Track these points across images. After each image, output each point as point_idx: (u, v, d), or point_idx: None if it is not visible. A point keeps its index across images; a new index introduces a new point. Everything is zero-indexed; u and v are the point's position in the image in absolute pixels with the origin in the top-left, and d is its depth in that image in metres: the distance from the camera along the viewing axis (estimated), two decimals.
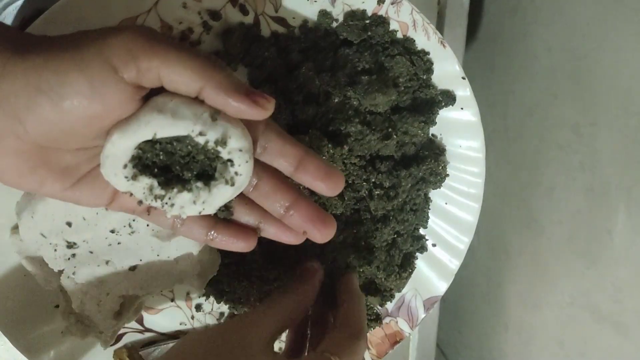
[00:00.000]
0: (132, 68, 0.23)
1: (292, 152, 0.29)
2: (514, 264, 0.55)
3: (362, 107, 0.43)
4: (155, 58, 0.23)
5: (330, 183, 0.29)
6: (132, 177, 0.26)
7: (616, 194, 0.40)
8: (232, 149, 0.26)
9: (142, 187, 0.27)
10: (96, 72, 0.23)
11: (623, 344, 0.39)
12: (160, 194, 0.27)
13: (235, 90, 0.24)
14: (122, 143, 0.25)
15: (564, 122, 0.46)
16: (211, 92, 0.24)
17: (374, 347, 0.51)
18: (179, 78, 0.24)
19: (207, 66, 0.24)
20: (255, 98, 0.25)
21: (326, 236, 0.30)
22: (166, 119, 0.24)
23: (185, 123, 0.25)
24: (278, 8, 0.41)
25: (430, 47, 0.44)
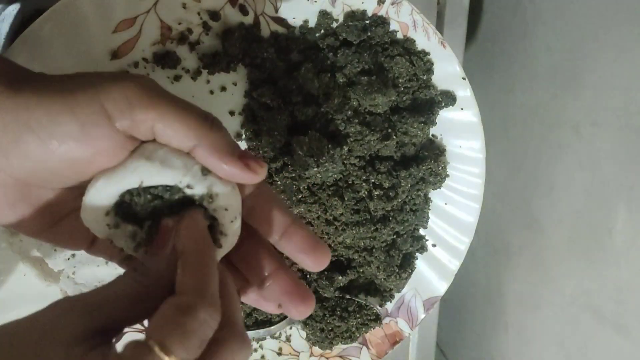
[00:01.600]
0: (126, 117, 0.23)
1: (278, 220, 0.27)
2: (514, 264, 0.55)
3: (362, 108, 0.43)
4: (151, 110, 0.23)
5: (314, 257, 0.27)
6: (114, 225, 0.25)
7: (616, 194, 0.40)
8: (218, 207, 0.24)
9: (124, 235, 0.25)
10: (89, 116, 0.22)
11: (623, 344, 0.39)
12: (142, 241, 0.25)
13: (229, 154, 0.24)
14: (106, 190, 0.24)
15: (564, 122, 0.46)
16: (204, 152, 0.24)
17: (374, 347, 0.51)
18: (173, 134, 0.23)
19: (202, 124, 0.23)
20: (248, 162, 0.24)
21: (302, 314, 0.27)
22: (154, 167, 0.23)
23: (174, 173, 0.24)
24: (278, 8, 0.41)
25: (431, 48, 0.44)
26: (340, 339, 0.49)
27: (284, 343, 0.51)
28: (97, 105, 0.22)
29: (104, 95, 0.22)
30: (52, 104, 0.22)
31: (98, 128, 0.22)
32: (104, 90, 0.22)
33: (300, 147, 0.42)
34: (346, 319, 0.48)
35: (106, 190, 0.24)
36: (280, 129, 0.42)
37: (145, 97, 0.23)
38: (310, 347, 0.51)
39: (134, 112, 0.23)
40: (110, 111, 0.22)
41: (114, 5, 0.37)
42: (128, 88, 0.23)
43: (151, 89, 0.23)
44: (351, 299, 0.49)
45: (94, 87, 0.23)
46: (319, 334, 0.49)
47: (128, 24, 0.38)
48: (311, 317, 0.49)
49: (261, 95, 0.42)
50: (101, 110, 0.22)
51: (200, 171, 0.24)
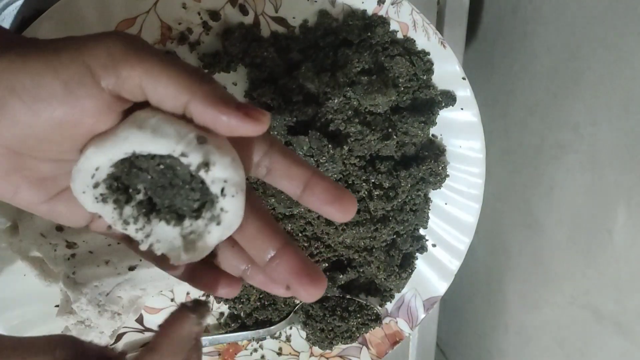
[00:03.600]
0: (111, 74, 0.22)
1: (298, 173, 0.26)
2: (514, 264, 0.55)
3: (362, 108, 0.43)
4: (137, 66, 0.22)
5: (340, 206, 0.25)
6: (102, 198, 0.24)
7: (616, 194, 0.40)
8: (216, 178, 0.23)
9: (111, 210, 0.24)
10: (72, 75, 0.21)
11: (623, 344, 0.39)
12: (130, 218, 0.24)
13: (226, 104, 0.22)
14: (96, 158, 0.23)
15: (564, 122, 0.46)
16: (199, 105, 0.22)
17: (374, 347, 0.51)
18: (164, 90, 0.22)
19: (194, 78, 0.22)
20: (248, 111, 0.22)
21: (312, 296, 0.25)
22: (146, 135, 0.22)
23: (166, 141, 0.22)
24: (278, 8, 0.41)
25: (431, 48, 0.44)
26: (340, 339, 0.49)
27: (284, 343, 0.51)
28: (80, 63, 0.22)
29: (87, 53, 0.22)
30: (35, 65, 0.22)
31: (82, 87, 0.22)
32: (87, 48, 0.22)
33: (300, 147, 0.42)
34: (346, 319, 0.48)
35: (96, 158, 0.23)
36: (280, 129, 0.42)
37: (130, 52, 0.22)
38: (310, 347, 0.51)
39: (118, 68, 0.22)
40: (94, 69, 0.22)
41: (114, 5, 0.37)
42: (112, 44, 0.22)
43: (137, 45, 0.22)
44: (351, 299, 0.49)
45: (77, 45, 0.22)
46: (319, 334, 0.49)
47: (128, 24, 0.38)
48: (311, 317, 0.49)
49: (261, 95, 0.42)
50: (84, 68, 0.22)
51: (195, 139, 0.22)
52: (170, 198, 0.24)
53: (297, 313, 0.50)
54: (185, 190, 0.24)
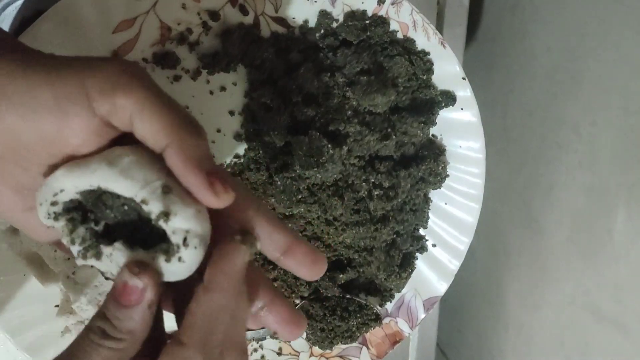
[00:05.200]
0: (106, 100, 0.22)
1: (280, 239, 0.26)
2: (514, 264, 0.55)
3: (362, 108, 0.43)
4: (132, 97, 0.22)
5: (314, 270, 0.27)
6: (55, 216, 0.24)
7: (616, 194, 0.40)
8: (177, 229, 0.22)
9: (62, 226, 0.24)
10: (67, 92, 0.22)
11: (623, 344, 0.39)
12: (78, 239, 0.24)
13: (196, 165, 0.22)
14: (63, 180, 0.23)
15: (564, 122, 0.46)
16: (173, 155, 0.22)
17: (374, 347, 0.51)
18: (148, 127, 0.22)
19: (182, 126, 0.22)
20: (213, 181, 0.22)
21: (295, 337, 0.28)
22: (113, 173, 0.22)
23: (131, 185, 0.22)
24: (278, 8, 0.41)
25: (431, 48, 0.44)
26: (340, 339, 0.49)
27: (284, 343, 0.51)
28: (78, 82, 0.22)
29: (87, 74, 0.22)
30: (33, 76, 0.22)
31: (74, 106, 0.22)
32: (89, 70, 0.22)
33: (300, 147, 0.42)
34: (346, 319, 0.48)
35: (63, 181, 0.23)
36: (280, 129, 0.42)
37: (129, 83, 0.22)
38: (310, 347, 0.51)
39: (114, 96, 0.22)
40: (91, 91, 0.22)
41: (114, 6, 0.37)
42: (114, 71, 0.22)
43: (138, 77, 0.22)
44: (351, 299, 0.49)
45: (79, 66, 0.22)
46: (319, 334, 0.49)
47: (128, 24, 0.38)
48: (311, 317, 0.49)
49: (261, 95, 0.42)
50: (81, 88, 0.22)
51: (160, 187, 0.22)
52: (129, 235, 0.24)
53: None
54: (146, 233, 0.24)
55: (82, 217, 0.24)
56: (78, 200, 0.24)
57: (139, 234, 0.24)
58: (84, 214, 0.24)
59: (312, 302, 0.49)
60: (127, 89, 0.22)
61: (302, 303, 0.49)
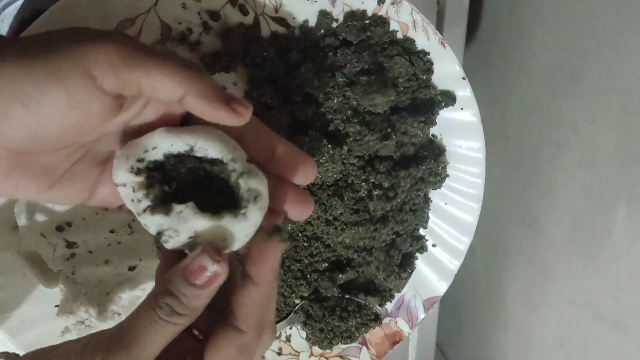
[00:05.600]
0: (112, 79, 0.23)
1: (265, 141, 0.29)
2: (514, 263, 0.55)
3: (361, 108, 0.44)
4: (135, 69, 0.23)
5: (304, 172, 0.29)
6: (137, 170, 0.26)
7: (616, 193, 0.40)
8: (251, 189, 0.26)
9: (137, 184, 0.26)
10: (75, 82, 0.22)
11: (623, 344, 0.39)
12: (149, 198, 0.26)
13: (216, 99, 0.25)
14: (161, 139, 0.25)
15: (563, 121, 0.46)
16: (192, 100, 0.25)
17: (373, 347, 0.51)
18: (160, 87, 0.24)
19: (188, 74, 0.24)
20: (233, 106, 0.25)
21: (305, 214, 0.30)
22: (212, 137, 0.26)
23: (225, 148, 0.26)
24: (278, 8, 0.41)
25: (430, 48, 0.44)
26: (340, 339, 0.49)
27: (284, 343, 0.51)
28: (81, 70, 0.22)
29: (85, 59, 0.22)
30: (36, 73, 0.22)
31: (85, 92, 0.23)
32: (86, 54, 0.23)
33: (300, 147, 0.42)
34: (346, 319, 0.48)
35: (160, 140, 0.26)
36: (280, 129, 0.42)
37: (127, 56, 0.23)
38: (310, 347, 0.51)
39: (119, 73, 0.23)
40: (95, 75, 0.23)
41: (114, 5, 0.37)
42: (110, 50, 0.23)
43: (132, 47, 0.23)
44: (351, 299, 0.49)
45: (75, 51, 0.23)
46: (318, 334, 0.49)
47: (128, 24, 0.38)
48: (311, 317, 0.49)
49: (261, 95, 0.42)
50: (86, 74, 0.23)
51: (246, 156, 0.26)
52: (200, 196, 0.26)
53: (297, 313, 0.50)
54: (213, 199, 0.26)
55: (160, 177, 0.26)
56: (161, 161, 0.26)
57: (206, 199, 0.26)
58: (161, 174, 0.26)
59: (311, 302, 0.49)
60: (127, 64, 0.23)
61: (301, 303, 0.49)
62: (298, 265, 0.47)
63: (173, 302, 0.25)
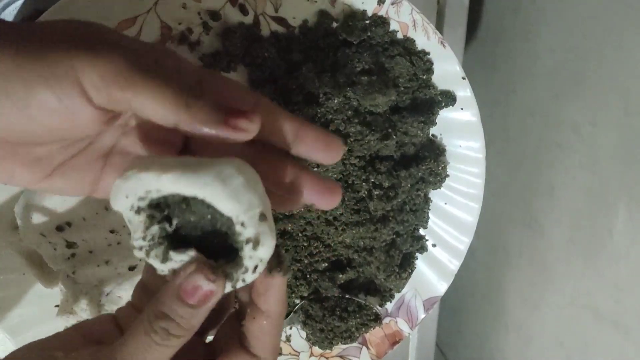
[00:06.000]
0: (102, 95, 0.22)
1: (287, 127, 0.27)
2: (514, 263, 0.55)
3: (362, 108, 0.43)
4: (127, 90, 0.22)
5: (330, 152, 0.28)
6: (138, 210, 0.24)
7: (616, 194, 0.40)
8: (255, 256, 0.24)
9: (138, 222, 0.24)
10: (65, 90, 0.22)
11: (623, 344, 0.39)
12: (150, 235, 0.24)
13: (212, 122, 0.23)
14: (167, 184, 0.23)
15: (565, 122, 0.46)
16: (187, 127, 0.23)
17: (373, 347, 0.51)
18: (152, 113, 0.23)
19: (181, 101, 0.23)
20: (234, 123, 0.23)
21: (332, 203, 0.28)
22: (223, 193, 0.23)
23: (238, 206, 0.23)
24: (278, 8, 0.41)
25: (430, 47, 0.44)
26: (340, 339, 0.49)
27: (284, 343, 0.51)
28: (73, 80, 0.22)
29: (79, 70, 0.22)
30: (28, 76, 0.22)
31: (75, 102, 0.22)
32: (80, 65, 0.22)
33: None
34: (346, 319, 0.48)
35: (166, 185, 0.23)
36: None
37: (120, 76, 0.22)
38: (310, 347, 0.51)
39: (109, 91, 0.22)
40: (86, 87, 0.22)
41: (114, 5, 0.37)
42: (103, 66, 0.22)
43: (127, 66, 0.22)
44: (351, 299, 0.49)
45: (69, 58, 0.22)
46: (318, 334, 0.49)
47: (128, 24, 0.38)
48: (311, 317, 0.49)
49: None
50: (77, 85, 0.22)
51: (259, 215, 0.23)
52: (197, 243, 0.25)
53: (297, 313, 0.50)
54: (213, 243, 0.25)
55: (161, 217, 0.24)
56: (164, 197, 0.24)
57: (206, 243, 0.25)
58: (162, 214, 0.24)
59: (311, 302, 0.49)
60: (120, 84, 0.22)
61: (301, 303, 0.49)
62: (298, 265, 0.47)
63: (169, 325, 0.24)
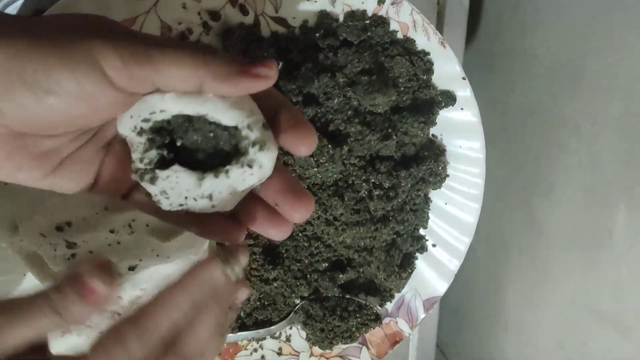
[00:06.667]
0: (123, 75, 0.22)
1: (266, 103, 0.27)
2: (514, 264, 0.55)
3: (362, 108, 0.43)
4: (146, 66, 0.22)
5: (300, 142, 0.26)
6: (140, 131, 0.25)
7: (616, 194, 0.40)
8: (258, 160, 0.25)
9: (138, 143, 0.25)
10: (86, 73, 0.22)
11: (623, 344, 0.39)
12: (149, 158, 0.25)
13: (235, 74, 0.24)
14: (170, 103, 0.24)
15: (564, 122, 0.46)
16: (211, 85, 0.24)
17: (373, 347, 0.51)
18: (175, 81, 0.23)
19: (198, 60, 0.23)
20: (254, 72, 0.24)
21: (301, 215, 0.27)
22: (224, 105, 0.24)
23: (239, 114, 0.24)
24: (278, 8, 0.41)
25: (431, 48, 0.44)
26: (340, 339, 0.49)
27: (284, 343, 0.51)
28: (92, 62, 0.22)
29: (98, 53, 0.22)
30: (48, 59, 0.21)
31: (96, 86, 0.22)
32: (97, 48, 0.22)
33: None
34: (346, 319, 0.48)
35: (169, 104, 0.24)
36: None
37: (138, 54, 0.22)
38: (310, 347, 0.51)
39: (130, 69, 0.22)
40: (107, 69, 0.22)
41: (114, 5, 0.37)
42: (121, 47, 0.22)
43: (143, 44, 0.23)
44: (351, 299, 0.49)
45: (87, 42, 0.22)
46: (319, 334, 0.49)
47: (128, 24, 0.38)
48: (311, 317, 0.49)
49: None
50: (96, 67, 0.22)
51: (262, 122, 0.25)
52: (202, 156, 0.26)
53: (297, 313, 0.50)
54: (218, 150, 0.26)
55: (161, 142, 0.25)
56: (168, 121, 0.25)
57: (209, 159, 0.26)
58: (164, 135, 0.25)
59: (312, 302, 0.49)
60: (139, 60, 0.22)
61: (302, 303, 0.49)
62: (298, 265, 0.47)
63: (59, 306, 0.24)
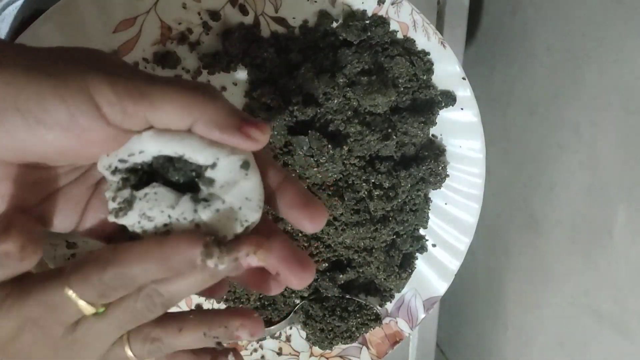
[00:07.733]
0: (117, 111, 0.22)
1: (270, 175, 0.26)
2: (514, 264, 0.55)
3: (362, 108, 0.43)
4: (141, 102, 0.22)
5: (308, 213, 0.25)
6: (113, 170, 0.24)
7: (616, 194, 0.40)
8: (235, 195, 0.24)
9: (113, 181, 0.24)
10: (78, 106, 0.21)
11: (623, 344, 0.39)
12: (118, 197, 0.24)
13: (227, 125, 0.23)
14: (149, 143, 0.23)
15: (564, 122, 0.46)
16: (202, 128, 0.23)
17: (374, 347, 0.51)
18: (168, 118, 0.23)
19: (195, 101, 0.23)
20: (247, 130, 0.23)
21: (302, 280, 0.26)
22: (202, 143, 0.23)
23: (217, 151, 0.23)
24: (278, 8, 0.41)
25: (431, 48, 0.44)
26: (340, 339, 0.49)
27: (284, 343, 0.51)
28: (86, 95, 0.21)
29: (93, 86, 0.22)
30: (41, 89, 0.21)
31: (88, 118, 0.22)
32: (93, 81, 0.22)
33: (300, 147, 0.42)
34: (346, 319, 0.48)
35: (148, 144, 0.23)
36: (280, 129, 0.42)
37: (133, 90, 0.22)
38: (310, 347, 0.51)
39: (123, 105, 0.22)
40: (100, 103, 0.22)
41: (114, 5, 0.37)
42: (116, 82, 0.22)
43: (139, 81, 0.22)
44: (351, 299, 0.49)
45: (82, 75, 0.22)
46: (319, 334, 0.49)
47: (128, 24, 0.38)
48: (311, 317, 0.49)
49: (261, 95, 0.42)
50: (90, 100, 0.22)
51: (241, 161, 0.24)
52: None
53: (297, 313, 0.50)
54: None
55: (135, 182, 0.24)
56: (146, 164, 0.24)
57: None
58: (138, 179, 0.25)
59: (312, 302, 0.49)
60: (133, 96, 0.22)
61: (302, 303, 0.49)
62: None
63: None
